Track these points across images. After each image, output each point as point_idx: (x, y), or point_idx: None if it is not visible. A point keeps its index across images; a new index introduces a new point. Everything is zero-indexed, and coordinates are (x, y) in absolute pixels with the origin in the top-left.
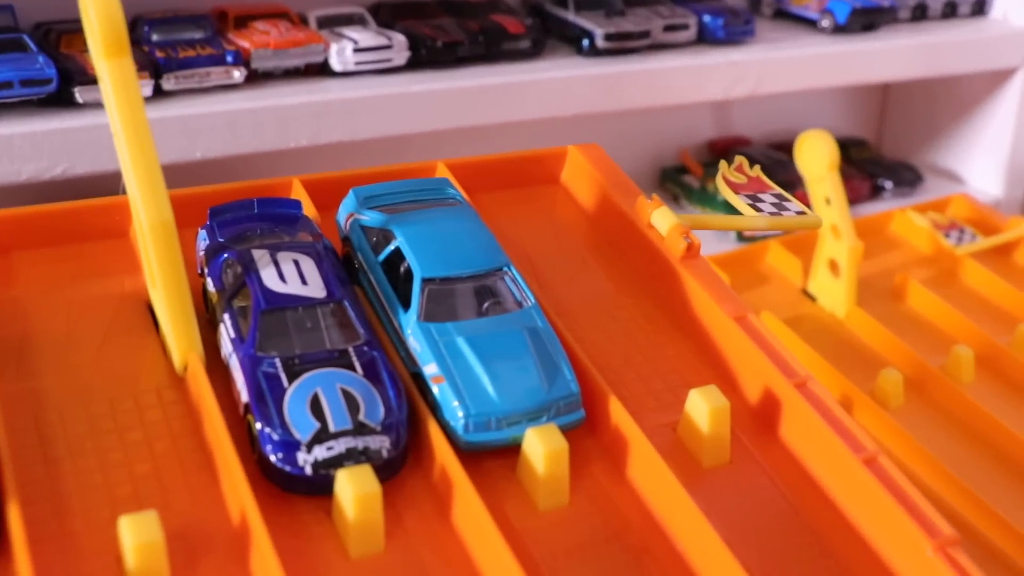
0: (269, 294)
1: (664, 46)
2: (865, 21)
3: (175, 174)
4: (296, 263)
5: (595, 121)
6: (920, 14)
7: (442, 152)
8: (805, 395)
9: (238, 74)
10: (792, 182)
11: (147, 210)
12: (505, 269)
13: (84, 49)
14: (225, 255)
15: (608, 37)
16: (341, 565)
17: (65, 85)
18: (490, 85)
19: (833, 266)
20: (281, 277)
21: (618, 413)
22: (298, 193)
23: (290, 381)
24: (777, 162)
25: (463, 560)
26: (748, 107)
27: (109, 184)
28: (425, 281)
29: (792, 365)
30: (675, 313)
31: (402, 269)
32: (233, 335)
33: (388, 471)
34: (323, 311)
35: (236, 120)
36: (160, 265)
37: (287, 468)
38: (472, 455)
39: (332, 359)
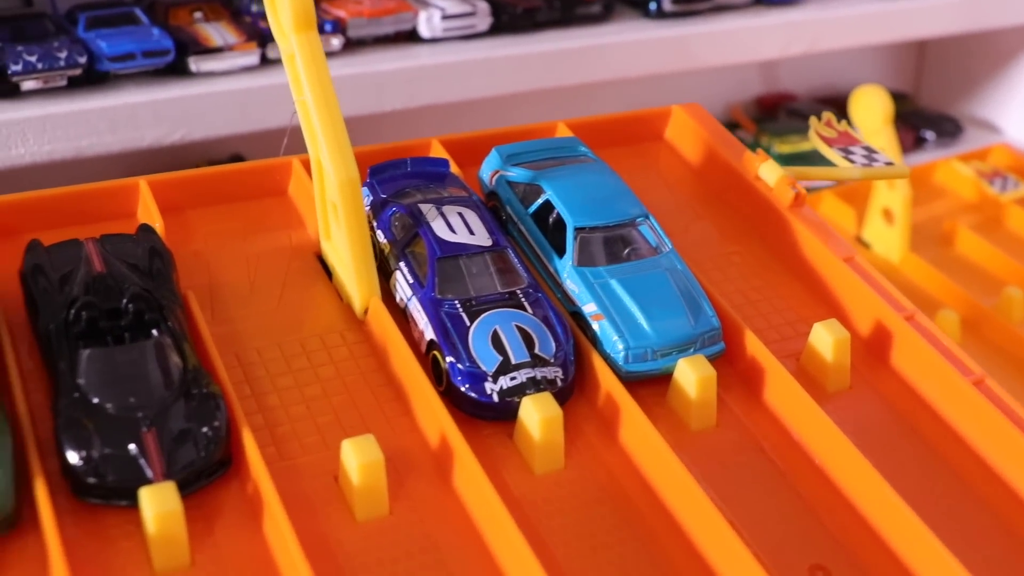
0: (443, 243)
1: (724, 8)
2: None
3: (281, 138)
4: (461, 215)
5: (646, 81)
6: None
7: (520, 114)
8: (914, 326)
9: (336, 42)
10: None
11: (336, 169)
12: (645, 217)
13: (191, 21)
14: (393, 209)
15: (676, 1)
16: (527, 480)
17: (180, 56)
18: (566, 49)
19: (887, 214)
20: (450, 228)
21: (753, 344)
22: (437, 152)
23: (471, 320)
24: None
25: (633, 473)
26: (792, 63)
27: (219, 148)
28: (577, 230)
29: (900, 300)
30: (786, 257)
31: (551, 220)
32: (411, 280)
33: (561, 398)
34: (490, 257)
35: (337, 86)
36: (347, 217)
37: (476, 396)
38: (629, 384)
39: (503, 300)
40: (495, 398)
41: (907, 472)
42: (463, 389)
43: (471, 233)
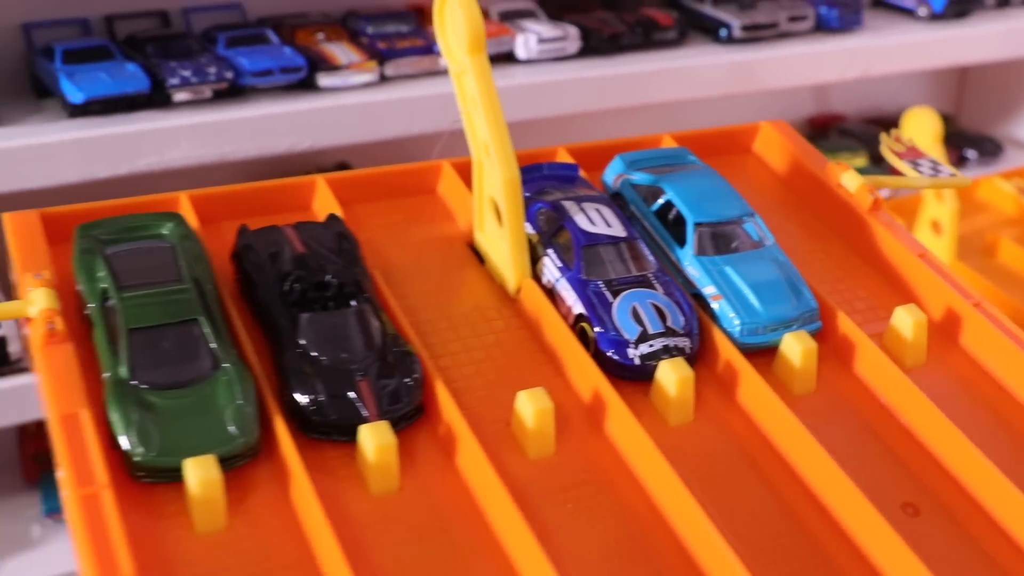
0: (586, 234)
1: (787, 35)
2: (959, 9)
3: (399, 149)
4: (598, 210)
5: (711, 101)
6: (1003, 1)
7: (598, 130)
8: (981, 312)
9: (443, 62)
10: None
11: (503, 170)
12: (751, 215)
13: (315, 41)
14: (539, 205)
15: (744, 28)
16: (663, 431)
17: (309, 72)
18: (646, 71)
19: (935, 226)
20: (590, 221)
21: (845, 324)
22: (563, 158)
23: (613, 297)
24: (874, 137)
25: (752, 428)
26: (841, 87)
27: (325, 157)
28: (697, 225)
29: (968, 290)
30: (865, 253)
31: (671, 216)
32: (559, 264)
33: (689, 364)
34: (625, 246)
35: (447, 102)
36: (508, 210)
37: (620, 360)
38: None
39: (638, 282)
40: (637, 361)
41: (979, 433)
42: (609, 354)
43: (608, 225)
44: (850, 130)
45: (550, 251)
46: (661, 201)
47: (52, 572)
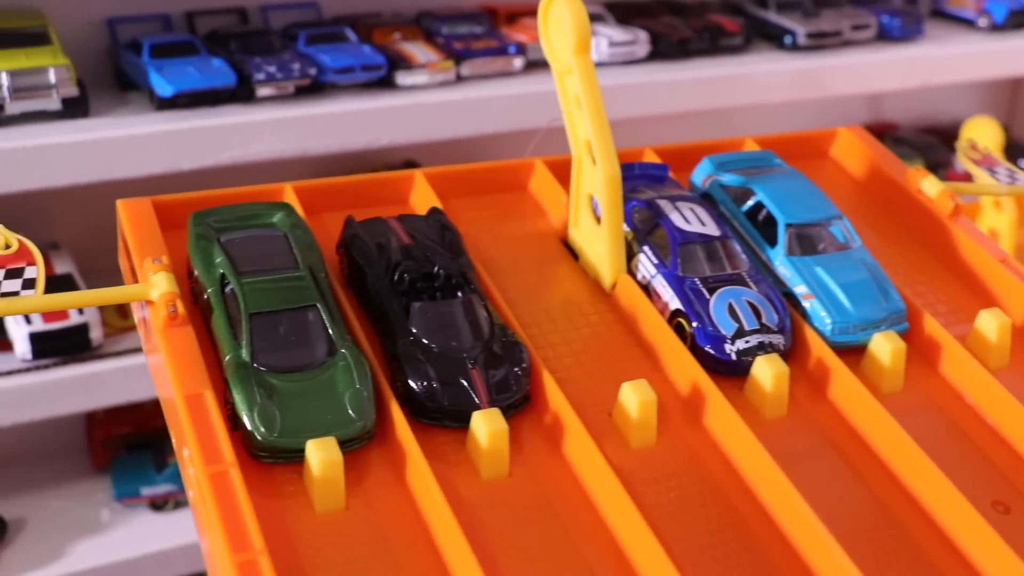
0: (682, 232)
1: (850, 43)
2: (1020, 20)
3: (468, 148)
4: (692, 210)
5: (764, 108)
6: None
7: (666, 133)
8: None
9: (518, 63)
10: (942, 163)
11: (604, 167)
12: (840, 218)
13: (392, 40)
14: (634, 203)
15: (810, 35)
16: (759, 423)
17: (389, 70)
18: (713, 76)
19: (993, 234)
20: (685, 219)
21: (931, 325)
22: (651, 158)
23: (710, 294)
24: (928, 145)
25: (843, 424)
26: (896, 95)
27: (393, 155)
28: (788, 225)
29: None
30: (946, 258)
31: (760, 217)
32: (656, 261)
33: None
34: (719, 244)
35: (521, 102)
36: (608, 206)
37: (717, 355)
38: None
39: (732, 279)
40: (733, 356)
41: None
42: (706, 348)
43: (702, 224)
44: (904, 138)
45: (645, 248)
46: (751, 202)
47: (122, 556)
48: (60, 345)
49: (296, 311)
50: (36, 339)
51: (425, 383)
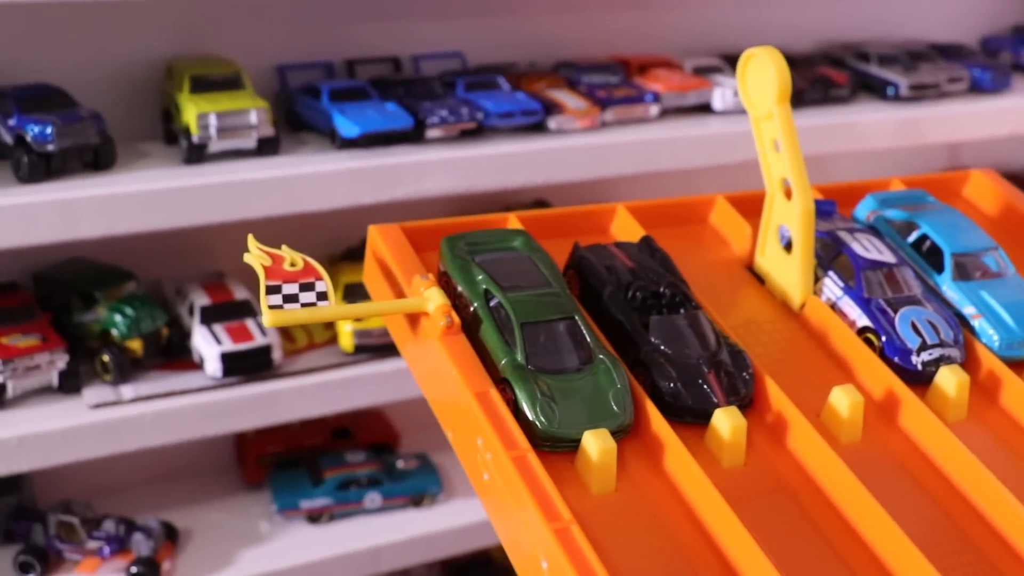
0: (865, 259)
1: (946, 94)
2: None
3: (594, 188)
4: (868, 240)
5: (850, 155)
6: None
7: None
8: None
9: (654, 110)
10: None
11: (801, 201)
12: (996, 248)
13: (540, 88)
14: (817, 234)
15: (912, 87)
16: (937, 429)
17: (544, 116)
18: (825, 124)
19: None
20: (865, 248)
21: None
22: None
23: (893, 313)
24: None
25: (1017, 430)
26: (971, 144)
27: (522, 195)
28: (954, 254)
29: None
30: None
31: (925, 248)
32: (841, 284)
33: None
34: (895, 270)
35: (657, 147)
36: (803, 235)
37: (904, 366)
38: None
39: (911, 300)
40: (919, 367)
41: None
42: (895, 360)
43: (879, 252)
44: None
45: (831, 273)
46: (916, 234)
47: (285, 564)
48: (246, 364)
49: (559, 321)
50: (227, 359)
51: (671, 384)
